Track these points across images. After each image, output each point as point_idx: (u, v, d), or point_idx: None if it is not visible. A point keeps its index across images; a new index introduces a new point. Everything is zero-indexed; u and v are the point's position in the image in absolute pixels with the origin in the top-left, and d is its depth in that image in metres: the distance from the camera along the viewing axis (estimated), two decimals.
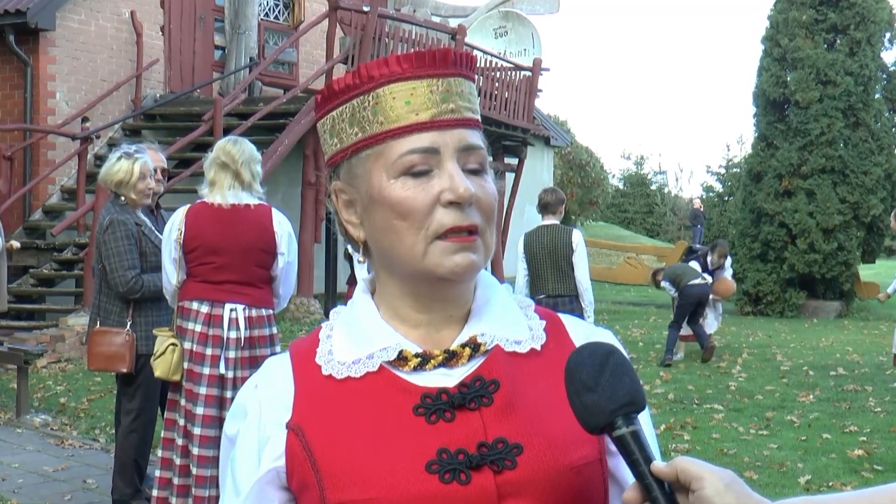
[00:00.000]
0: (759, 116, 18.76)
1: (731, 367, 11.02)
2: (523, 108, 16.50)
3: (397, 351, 1.19)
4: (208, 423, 4.78)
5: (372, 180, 1.18)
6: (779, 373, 10.58)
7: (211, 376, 4.80)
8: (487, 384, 1.17)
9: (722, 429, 7.84)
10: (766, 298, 17.99)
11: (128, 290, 5.19)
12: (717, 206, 36.22)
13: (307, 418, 1.18)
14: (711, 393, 9.39)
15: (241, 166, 4.85)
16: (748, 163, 19.41)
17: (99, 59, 13.59)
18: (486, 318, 1.23)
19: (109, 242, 5.21)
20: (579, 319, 1.33)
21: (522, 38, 18.55)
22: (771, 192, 17.99)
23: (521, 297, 1.31)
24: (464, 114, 1.19)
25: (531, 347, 1.24)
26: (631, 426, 1.04)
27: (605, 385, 1.05)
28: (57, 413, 8.20)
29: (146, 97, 14.11)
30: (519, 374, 1.21)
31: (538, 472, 1.14)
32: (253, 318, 4.86)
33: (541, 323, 1.27)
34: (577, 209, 31.90)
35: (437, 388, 1.17)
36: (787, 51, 18.14)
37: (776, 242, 17.92)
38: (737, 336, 13.95)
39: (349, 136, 1.20)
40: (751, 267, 18.13)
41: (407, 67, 1.18)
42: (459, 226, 1.15)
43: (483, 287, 1.25)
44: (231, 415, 1.26)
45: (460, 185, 1.14)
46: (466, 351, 1.20)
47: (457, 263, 1.16)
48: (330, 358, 1.22)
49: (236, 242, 4.83)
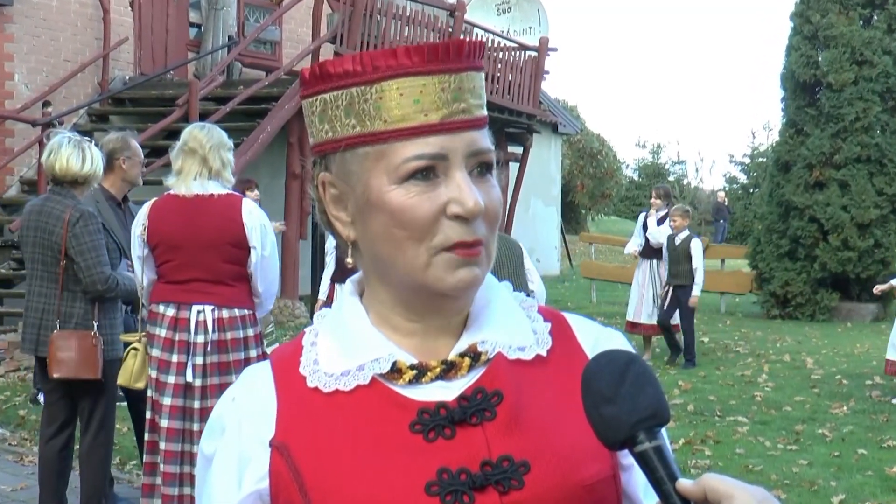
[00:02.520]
0: (787, 100, 18.75)
1: (756, 375, 11.02)
2: (528, 91, 16.51)
3: (390, 363, 1.19)
4: (172, 437, 4.79)
5: (371, 182, 1.17)
6: (809, 382, 10.58)
7: (176, 385, 4.80)
8: (490, 396, 1.17)
9: (747, 443, 7.84)
10: (795, 300, 17.98)
11: (106, 288, 5.20)
12: (742, 199, 36.22)
13: (292, 435, 1.18)
14: (735, 404, 9.39)
15: (209, 151, 4.85)
16: (775, 151, 19.40)
17: (62, 37, 13.57)
18: (486, 323, 1.23)
19: (83, 237, 5.19)
20: (586, 319, 1.33)
21: (527, 15, 18.55)
22: (800, 184, 17.99)
23: (523, 297, 1.30)
24: (475, 113, 1.18)
25: (536, 353, 1.24)
26: (654, 441, 1.04)
27: (626, 396, 1.05)
28: (16, 427, 8.19)
29: (114, 79, 14.09)
30: (524, 383, 1.20)
31: (548, 492, 1.14)
32: (224, 320, 4.85)
33: (545, 325, 1.27)
34: (587, 202, 31.95)
35: (434, 402, 1.17)
36: (818, 28, 18.13)
37: (806, 239, 17.92)
38: (763, 342, 13.95)
39: (344, 127, 1.18)
40: (778, 266, 18.13)
41: (417, 61, 1.16)
42: (466, 241, 1.15)
43: (482, 288, 1.24)
44: (208, 431, 1.26)
45: (469, 199, 1.14)
46: (466, 361, 1.20)
47: (460, 279, 1.16)
48: (316, 368, 1.22)
49: (197, 236, 4.81)
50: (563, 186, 26.69)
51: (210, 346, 4.81)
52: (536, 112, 17.16)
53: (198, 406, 4.82)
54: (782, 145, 18.82)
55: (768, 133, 37.09)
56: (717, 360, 11.96)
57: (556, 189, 24.45)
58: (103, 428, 5.39)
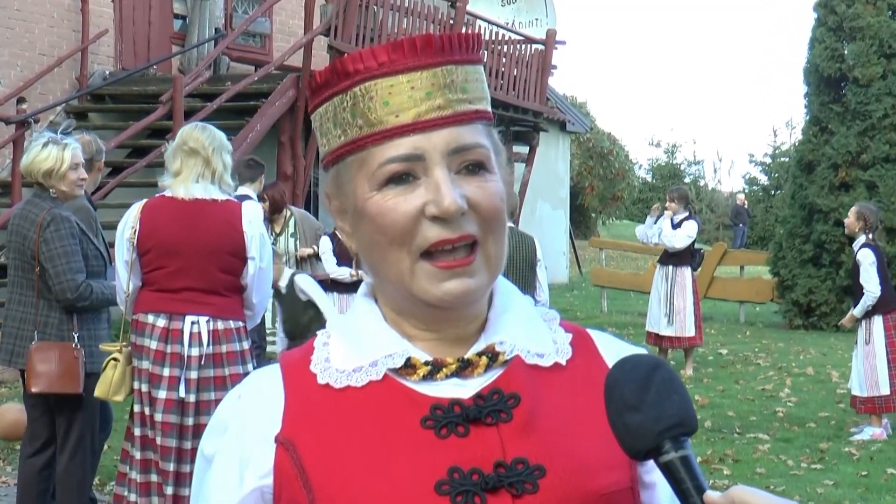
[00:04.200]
0: (810, 96, 18.76)
1: (778, 389, 11.02)
2: (535, 87, 16.52)
3: (404, 358, 1.22)
4: (165, 456, 4.79)
5: (356, 191, 1.22)
6: (835, 396, 10.58)
7: (168, 401, 4.79)
8: (506, 398, 1.20)
9: (768, 462, 7.84)
10: (819, 309, 17.97)
11: (77, 297, 5.18)
12: (762, 201, 36.26)
13: (299, 432, 1.20)
14: (755, 420, 9.39)
15: (212, 153, 4.86)
16: (798, 151, 19.40)
17: (37, 29, 13.58)
18: (504, 327, 1.25)
19: (53, 242, 5.19)
20: (610, 335, 1.35)
21: (534, 6, 18.57)
22: (825, 185, 17.99)
23: (545, 309, 1.33)
24: (456, 108, 1.20)
25: (555, 361, 1.26)
26: (681, 450, 1.05)
27: (651, 403, 1.06)
28: None
29: (93, 74, 14.11)
30: (541, 389, 1.23)
31: (562, 499, 1.16)
32: (219, 332, 4.86)
33: (566, 336, 1.30)
34: (597, 205, 31.94)
35: (448, 398, 1.19)
36: (844, 19, 18.14)
37: (831, 244, 17.91)
38: (785, 353, 13.95)
39: (334, 139, 1.24)
40: (801, 272, 18.12)
41: (384, 61, 1.19)
42: (447, 238, 1.17)
43: (501, 295, 1.28)
44: (209, 432, 1.28)
45: (445, 198, 1.16)
46: (483, 360, 1.22)
47: (447, 291, 1.18)
48: (327, 365, 1.25)
49: (197, 242, 4.82)
50: (572, 188, 26.68)
51: (205, 359, 4.82)
52: (543, 109, 17.17)
53: (192, 423, 4.81)
54: (805, 144, 18.82)
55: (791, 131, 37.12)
56: (736, 374, 11.96)
57: (565, 191, 24.44)
58: (81, 447, 5.36)
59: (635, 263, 24.83)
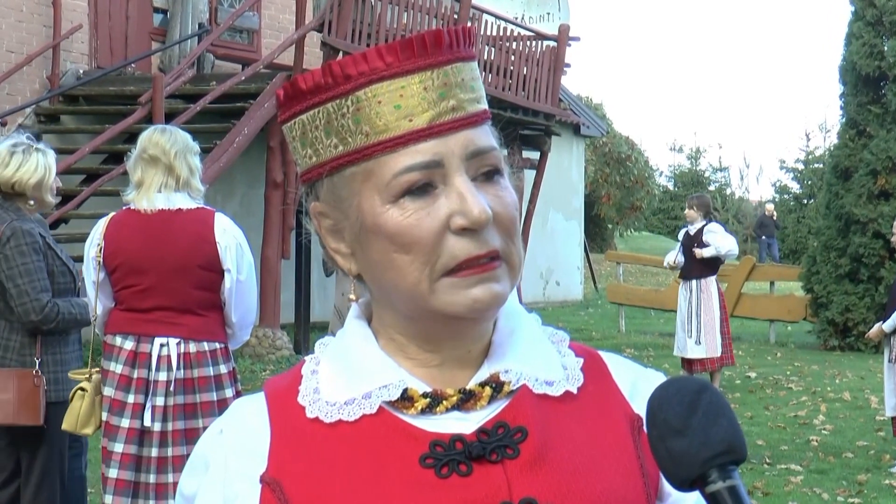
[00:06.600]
0: (847, 97, 18.78)
1: (812, 416, 11.01)
2: (546, 87, 16.55)
3: (401, 389, 1.21)
4: (121, 490, 4.75)
5: (363, 206, 1.20)
6: (874, 424, 10.57)
7: (130, 430, 4.74)
8: (513, 432, 1.19)
9: (801, 495, 7.83)
10: (856, 329, 17.95)
11: (43, 318, 5.13)
12: (794, 211, 36.20)
13: (286, 470, 1.20)
14: (787, 450, 9.38)
15: (174, 158, 4.83)
16: (833, 156, 19.41)
17: (4, 24, 13.62)
18: (510, 353, 1.25)
19: (14, 258, 5.13)
20: (624, 358, 1.35)
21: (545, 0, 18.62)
22: (863, 194, 18.00)
23: (553, 330, 1.32)
24: (468, 109, 1.20)
25: (566, 390, 1.26)
26: (729, 480, 1.05)
27: (697, 428, 1.06)
28: None
29: (66, 73, 14.14)
30: (551, 421, 1.22)
31: None
32: (191, 355, 4.81)
33: (577, 361, 1.30)
34: (614, 216, 31.98)
35: (449, 434, 1.19)
36: (883, 12, 18.17)
37: (870, 258, 17.91)
38: (819, 377, 13.94)
39: (327, 149, 1.21)
40: (837, 289, 18.12)
41: (392, 61, 1.18)
42: (476, 255, 1.17)
43: (506, 317, 1.27)
44: (189, 469, 1.28)
45: (474, 207, 1.15)
46: (486, 391, 1.22)
47: (476, 299, 1.17)
48: (316, 397, 1.24)
49: (164, 258, 4.79)
50: (587, 197, 26.73)
51: (174, 385, 4.77)
52: (556, 111, 17.20)
53: (155, 455, 4.74)
54: (841, 149, 18.83)
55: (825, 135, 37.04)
56: (766, 399, 11.94)
57: (579, 200, 24.48)
58: (46, 482, 5.31)
59: (655, 279, 24.83)
